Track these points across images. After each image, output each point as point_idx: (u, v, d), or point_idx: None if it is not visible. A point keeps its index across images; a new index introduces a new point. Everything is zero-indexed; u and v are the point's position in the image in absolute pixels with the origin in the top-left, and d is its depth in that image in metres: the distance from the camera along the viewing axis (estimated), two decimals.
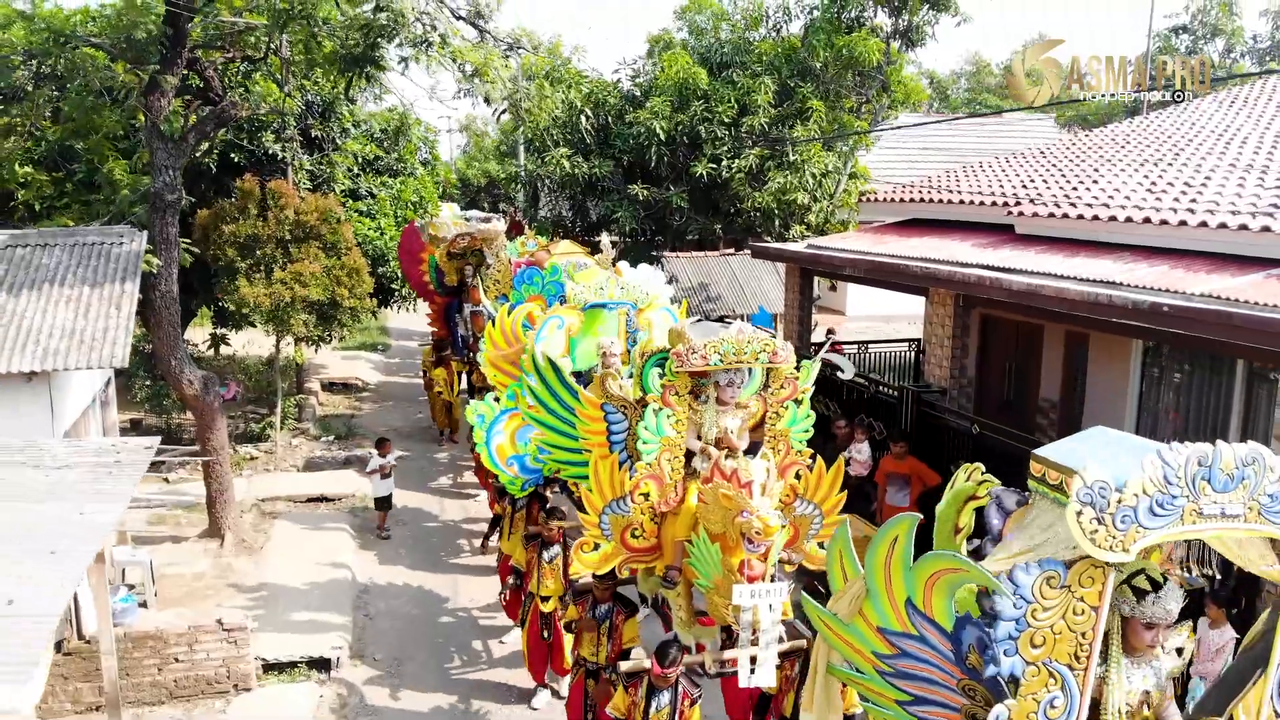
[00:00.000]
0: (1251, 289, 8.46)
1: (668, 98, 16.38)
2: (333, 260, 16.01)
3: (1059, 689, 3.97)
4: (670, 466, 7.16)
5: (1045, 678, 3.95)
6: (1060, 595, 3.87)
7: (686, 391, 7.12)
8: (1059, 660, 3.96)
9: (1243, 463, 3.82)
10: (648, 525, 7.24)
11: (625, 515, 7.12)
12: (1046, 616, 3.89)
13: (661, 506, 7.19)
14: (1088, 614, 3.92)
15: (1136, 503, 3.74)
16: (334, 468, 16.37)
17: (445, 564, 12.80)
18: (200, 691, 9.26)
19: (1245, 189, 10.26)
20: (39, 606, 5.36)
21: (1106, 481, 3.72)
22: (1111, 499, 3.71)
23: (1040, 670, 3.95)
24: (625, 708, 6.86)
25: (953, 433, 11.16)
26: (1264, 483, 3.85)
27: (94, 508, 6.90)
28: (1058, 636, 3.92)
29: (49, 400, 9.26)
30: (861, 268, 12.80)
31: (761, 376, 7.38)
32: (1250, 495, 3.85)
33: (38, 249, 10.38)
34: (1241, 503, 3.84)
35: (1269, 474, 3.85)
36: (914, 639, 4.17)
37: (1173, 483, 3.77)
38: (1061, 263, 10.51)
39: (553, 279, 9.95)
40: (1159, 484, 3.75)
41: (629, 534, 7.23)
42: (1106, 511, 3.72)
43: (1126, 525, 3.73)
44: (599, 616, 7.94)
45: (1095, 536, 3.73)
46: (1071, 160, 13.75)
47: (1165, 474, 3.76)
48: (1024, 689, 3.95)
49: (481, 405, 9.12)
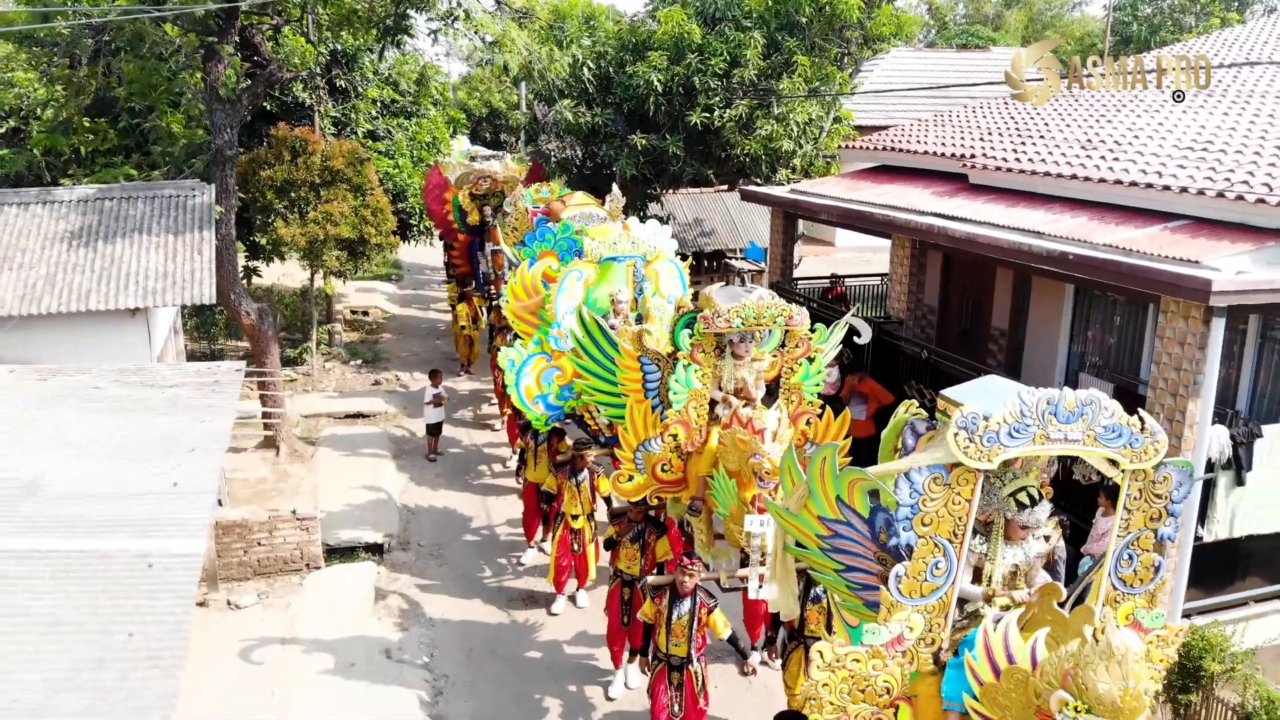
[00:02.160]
0: (1147, 240, 10.20)
1: (664, 51, 17.86)
2: (359, 200, 17.69)
3: (941, 555, 5.32)
4: (696, 413, 8.36)
5: (931, 547, 5.29)
6: (943, 490, 5.20)
7: (711, 349, 8.26)
8: (941, 535, 5.27)
9: (1082, 403, 5.09)
10: (675, 462, 8.43)
11: (656, 453, 8.40)
12: (933, 504, 5.20)
13: (688, 447, 8.38)
14: (963, 504, 5.25)
15: (999, 428, 5.03)
16: (365, 389, 18.28)
17: (471, 485, 14.42)
18: (279, 569, 11.28)
19: (1162, 148, 11.91)
20: (197, 486, 7.26)
21: (978, 413, 5.04)
22: (980, 425, 5.03)
23: (928, 541, 5.27)
24: (653, 614, 7.97)
25: (907, 357, 13.02)
26: (1099, 418, 5.12)
27: (210, 417, 8.77)
28: (940, 519, 5.24)
29: (147, 332, 11.10)
30: (834, 213, 14.53)
31: (780, 336, 8.49)
32: (1088, 426, 5.12)
33: (123, 201, 12.08)
34: (1081, 432, 5.12)
35: (1103, 411, 5.12)
36: (843, 524, 5.59)
37: (1026, 416, 5.06)
38: (1002, 213, 12.22)
39: (565, 235, 11.38)
40: (1016, 416, 5.05)
41: (659, 468, 8.45)
42: (976, 434, 5.02)
43: (990, 443, 5.05)
44: (634, 536, 9.16)
45: (967, 450, 5.04)
46: (1026, 114, 15.35)
47: (1021, 410, 5.05)
48: (916, 555, 5.28)
49: (511, 351, 10.46)
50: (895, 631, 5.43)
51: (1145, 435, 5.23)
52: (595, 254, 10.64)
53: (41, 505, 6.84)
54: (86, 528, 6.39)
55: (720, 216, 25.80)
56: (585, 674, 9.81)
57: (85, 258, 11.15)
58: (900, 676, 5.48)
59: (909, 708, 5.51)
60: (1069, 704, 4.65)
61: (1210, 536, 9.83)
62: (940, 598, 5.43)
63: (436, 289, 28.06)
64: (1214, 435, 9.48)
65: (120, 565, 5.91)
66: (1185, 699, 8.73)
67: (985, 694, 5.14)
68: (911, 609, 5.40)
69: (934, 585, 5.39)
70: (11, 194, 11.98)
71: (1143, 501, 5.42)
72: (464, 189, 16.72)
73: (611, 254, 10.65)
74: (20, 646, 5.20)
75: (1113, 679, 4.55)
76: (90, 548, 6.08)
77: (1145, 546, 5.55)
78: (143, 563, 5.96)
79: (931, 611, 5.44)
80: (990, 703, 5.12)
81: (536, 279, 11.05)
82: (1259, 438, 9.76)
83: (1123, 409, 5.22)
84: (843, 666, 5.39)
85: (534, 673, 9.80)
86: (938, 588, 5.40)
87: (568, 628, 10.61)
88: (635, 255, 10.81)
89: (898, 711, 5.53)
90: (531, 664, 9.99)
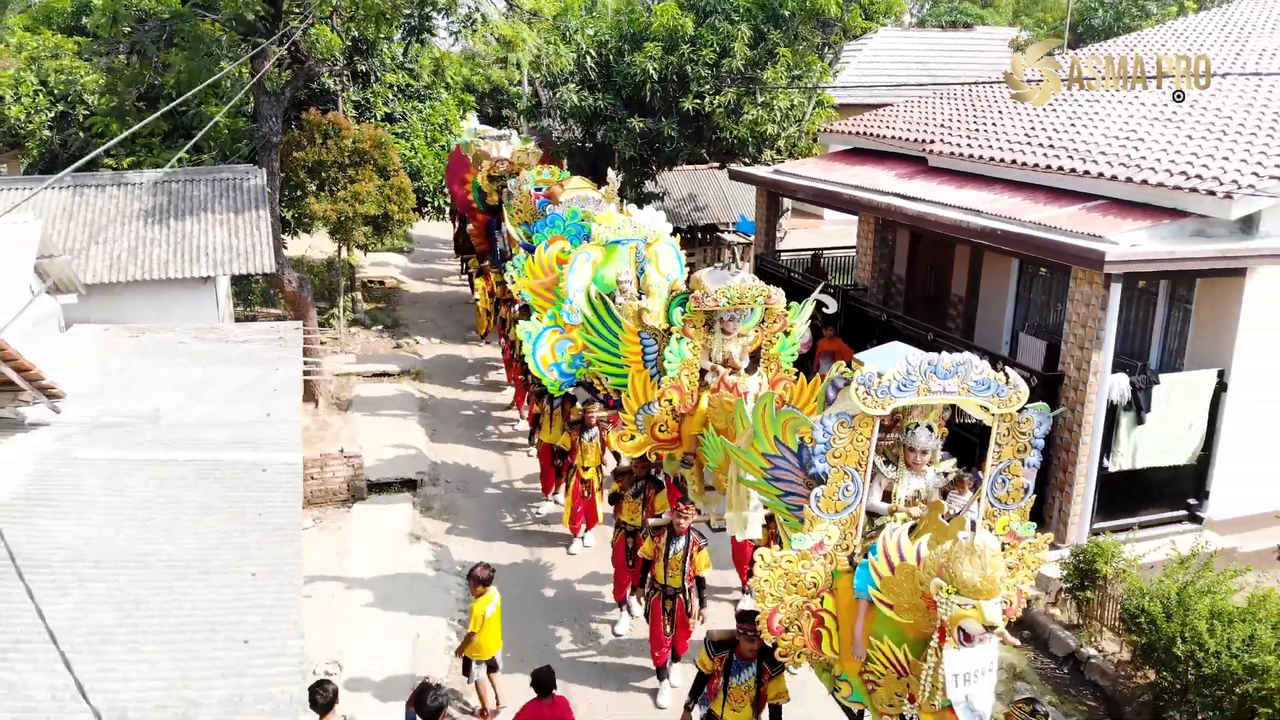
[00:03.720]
0: (1066, 218, 12.02)
1: (659, 43, 19.58)
2: (383, 181, 19.47)
3: (850, 481, 6.73)
4: (688, 380, 9.39)
5: (842, 474, 6.69)
6: (849, 431, 6.59)
7: (702, 325, 9.38)
8: (849, 465, 6.67)
9: (956, 364, 6.43)
10: (671, 423, 9.50)
11: (654, 415, 9.51)
12: (841, 442, 6.59)
13: (681, 409, 9.43)
14: (864, 441, 6.63)
15: (890, 384, 6.37)
16: (387, 352, 20.14)
17: (487, 443, 16.05)
18: (328, 501, 13.19)
19: (1092, 138, 13.69)
20: (286, 416, 9.13)
21: (874, 372, 6.41)
22: (875, 382, 6.36)
23: (839, 470, 6.68)
24: (652, 551, 9.34)
25: (870, 320, 14.88)
26: (971, 374, 6.47)
27: (282, 366, 10.64)
28: (847, 453, 6.63)
29: (215, 297, 12.95)
30: (809, 193, 16.36)
31: (760, 313, 9.52)
32: (962, 382, 6.47)
33: (188, 184, 13.89)
34: (956, 385, 6.48)
35: (974, 369, 6.46)
36: (780, 458, 7.06)
37: (911, 374, 6.39)
38: (952, 193, 14.03)
39: (573, 221, 12.73)
40: (903, 375, 6.38)
41: (657, 429, 9.53)
42: (872, 388, 6.37)
43: (883, 395, 6.40)
44: (635, 491, 10.56)
45: (865, 401, 6.40)
46: (982, 104, 17.11)
47: (907, 370, 6.37)
48: (830, 480, 6.72)
49: (528, 324, 11.72)
50: (817, 539, 6.84)
51: (1009, 387, 6.60)
52: (602, 238, 11.93)
53: (165, 431, 8.72)
54: (209, 445, 8.27)
55: (713, 192, 27.47)
56: (594, 607, 11.32)
57: (160, 233, 12.98)
58: (824, 574, 6.88)
59: (831, 597, 6.89)
60: (943, 588, 5.89)
61: (1115, 467, 11.72)
62: (851, 513, 6.85)
63: (446, 263, 29.79)
64: (1115, 382, 11.36)
65: (242, 470, 7.78)
66: (1083, 595, 10.65)
67: (884, 585, 6.43)
68: (829, 522, 6.82)
69: (845, 504, 6.82)
70: (90, 178, 13.78)
71: (1010, 438, 6.78)
72: (482, 171, 18.33)
73: (616, 237, 12.10)
74: (180, 521, 7.08)
75: (975, 569, 5.78)
76: (216, 458, 7.96)
77: (1015, 473, 6.92)
78: (258, 468, 7.84)
79: (845, 524, 6.86)
80: (888, 591, 6.41)
81: (551, 260, 12.42)
82: (1156, 384, 11.62)
83: (990, 367, 6.73)
84: (779, 566, 6.85)
85: (551, 604, 11.41)
86: (848, 505, 6.83)
87: (579, 567, 12.10)
88: (637, 238, 12.09)
89: (823, 601, 6.92)
90: (548, 597, 11.50)
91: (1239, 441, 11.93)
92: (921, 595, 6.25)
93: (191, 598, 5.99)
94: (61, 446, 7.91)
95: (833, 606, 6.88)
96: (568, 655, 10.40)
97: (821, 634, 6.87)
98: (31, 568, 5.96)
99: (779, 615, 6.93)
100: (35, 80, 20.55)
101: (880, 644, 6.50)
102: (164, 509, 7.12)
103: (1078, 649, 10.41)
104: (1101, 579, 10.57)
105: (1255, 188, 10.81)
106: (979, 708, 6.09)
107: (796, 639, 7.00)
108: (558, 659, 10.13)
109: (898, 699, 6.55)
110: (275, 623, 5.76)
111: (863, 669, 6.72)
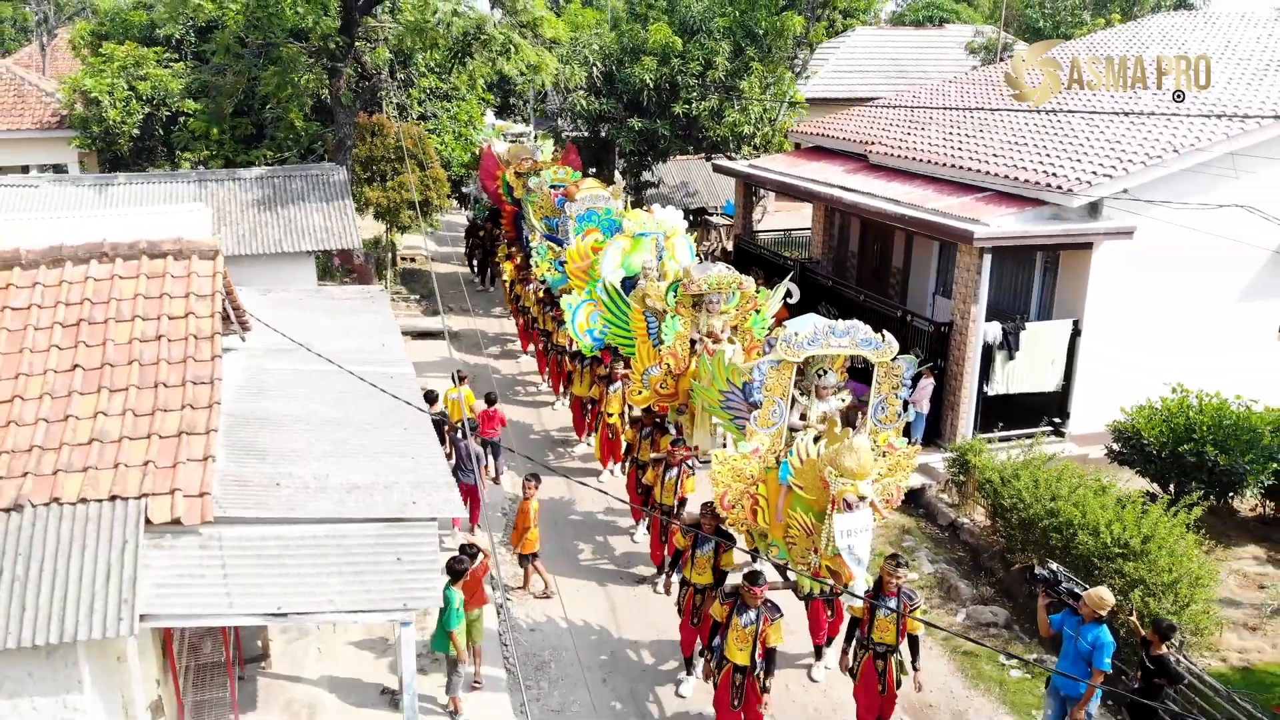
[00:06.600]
0: (958, 206, 15.95)
1: (654, 56, 23.52)
2: (422, 172, 23.40)
3: (777, 406, 9.58)
4: (681, 348, 11.96)
5: (772, 403, 9.52)
6: (775, 373, 9.38)
7: (691, 305, 12.01)
8: (776, 394, 9.50)
9: (848, 327, 9.32)
10: (669, 382, 12.13)
11: (656, 375, 12.22)
12: (770, 380, 9.39)
13: (677, 370, 11.99)
14: (786, 380, 9.43)
15: (801, 339, 9.25)
16: (430, 316, 24.05)
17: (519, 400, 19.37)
18: None
19: (994, 140, 17.60)
20: (397, 347, 13.07)
21: (793, 330, 9.47)
22: (792, 338, 9.28)
23: (769, 399, 9.50)
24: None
25: (821, 286, 18.84)
26: (858, 334, 9.28)
27: (383, 320, 14.57)
28: (775, 388, 9.43)
29: (313, 267, 16.87)
30: (774, 185, 20.30)
31: (738, 298, 12.15)
32: (852, 339, 9.31)
33: (285, 179, 17.78)
34: (848, 342, 9.32)
35: (861, 330, 9.28)
36: (730, 393, 10.05)
37: (817, 333, 9.28)
38: (883, 186, 17.95)
39: (608, 217, 15.68)
40: (811, 333, 9.28)
41: (659, 386, 12.20)
42: (789, 343, 9.22)
43: (799, 348, 9.26)
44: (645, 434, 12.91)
45: (785, 351, 9.24)
46: (918, 109, 21.02)
47: (814, 329, 9.26)
48: (763, 406, 9.55)
49: (570, 297, 14.47)
50: (755, 446, 9.62)
51: (885, 342, 9.41)
52: (631, 230, 14.64)
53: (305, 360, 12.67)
54: (353, 362, 12.24)
55: (703, 180, 31.45)
56: (611, 529, 14.11)
57: (270, 217, 16.90)
58: (759, 468, 9.58)
59: (763, 485, 9.56)
60: (832, 473, 8.47)
61: (992, 392, 15.71)
62: (778, 429, 9.74)
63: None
64: (990, 328, 15.34)
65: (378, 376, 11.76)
66: (960, 480, 14.65)
67: (797, 473, 9.03)
68: (763, 434, 9.65)
69: (774, 422, 9.66)
70: (210, 174, 17.70)
71: (887, 378, 9.55)
72: (511, 168, 22.03)
73: (642, 230, 14.66)
74: (352, 400, 11.02)
75: (852, 459, 8.41)
76: (361, 370, 11.93)
77: (892, 403, 9.70)
78: (386, 375, 11.80)
79: (774, 435, 9.66)
80: (800, 477, 9.00)
81: (586, 248, 15.25)
82: (1023, 330, 15.58)
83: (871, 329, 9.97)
84: (728, 464, 9.57)
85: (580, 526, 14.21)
86: (775, 423, 9.69)
87: (602, 501, 14.38)
88: (658, 232, 14.70)
89: (758, 487, 9.57)
90: (578, 520, 14.40)
91: (1090, 375, 15.89)
92: (820, 479, 8.74)
93: (373, 439, 9.95)
94: (257, 361, 11.87)
95: (764, 491, 9.45)
96: (586, 562, 13.36)
97: (757, 510, 9.54)
98: (272, 425, 9.97)
99: (728, 496, 9.63)
100: (125, 86, 24.40)
101: (795, 514, 9.09)
102: (339, 396, 11.09)
103: (956, 519, 14.44)
104: (973, 468, 14.59)
105: (1089, 184, 14.77)
106: (859, 553, 8.67)
107: (740, 514, 9.64)
108: (579, 564, 13.27)
109: (807, 552, 9.14)
110: (423, 449, 9.75)
111: (784, 533, 9.29)
